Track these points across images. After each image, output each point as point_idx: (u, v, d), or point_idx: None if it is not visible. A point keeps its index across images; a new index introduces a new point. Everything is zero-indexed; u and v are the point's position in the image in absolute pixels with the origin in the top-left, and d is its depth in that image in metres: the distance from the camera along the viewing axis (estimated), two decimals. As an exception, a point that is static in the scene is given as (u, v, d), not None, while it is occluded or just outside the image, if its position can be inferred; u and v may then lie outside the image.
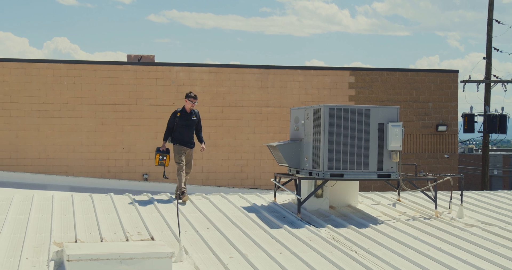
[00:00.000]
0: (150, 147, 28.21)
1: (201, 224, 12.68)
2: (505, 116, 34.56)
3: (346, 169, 13.47)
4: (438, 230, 12.75)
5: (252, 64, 30.23)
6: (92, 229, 12.02)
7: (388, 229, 12.69)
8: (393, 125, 13.47)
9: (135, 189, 23.40)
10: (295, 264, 10.25)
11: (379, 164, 13.60)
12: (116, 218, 12.96)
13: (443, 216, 14.02)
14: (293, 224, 12.90)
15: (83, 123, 27.86)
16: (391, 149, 13.50)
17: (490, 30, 36.10)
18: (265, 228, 12.51)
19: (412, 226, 12.97)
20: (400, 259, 10.68)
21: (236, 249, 10.95)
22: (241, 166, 28.33)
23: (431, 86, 31.05)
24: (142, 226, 12.42)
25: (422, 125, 30.94)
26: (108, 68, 28.21)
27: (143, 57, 30.18)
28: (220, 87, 28.98)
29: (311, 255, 10.75)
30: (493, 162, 63.14)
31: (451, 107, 31.30)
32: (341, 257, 10.70)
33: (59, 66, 27.90)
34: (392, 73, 30.82)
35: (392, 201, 15.71)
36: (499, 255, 10.99)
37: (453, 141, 31.48)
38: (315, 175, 13.68)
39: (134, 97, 28.30)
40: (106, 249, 9.60)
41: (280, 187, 15.09)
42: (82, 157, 27.75)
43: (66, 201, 14.47)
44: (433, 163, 30.90)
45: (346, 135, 13.45)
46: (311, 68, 30.35)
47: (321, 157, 13.40)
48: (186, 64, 29.18)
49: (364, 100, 30.11)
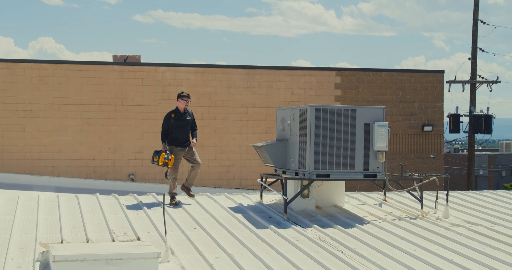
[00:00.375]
0: (136, 148, 28.17)
1: (188, 225, 12.67)
2: (490, 116, 34.71)
3: (332, 169, 13.48)
4: (424, 230, 12.79)
5: (238, 65, 30.24)
6: (78, 230, 11.98)
7: (374, 229, 12.72)
8: (379, 125, 13.50)
9: (121, 190, 23.33)
10: (282, 264, 10.25)
11: (365, 164, 13.62)
12: (102, 218, 12.92)
13: (429, 216, 14.06)
14: (279, 224, 12.91)
15: (69, 124, 27.78)
16: (377, 149, 13.53)
17: (475, 30, 36.24)
18: (251, 228, 12.51)
19: (398, 226, 13.01)
20: (386, 259, 10.70)
21: (222, 250, 10.94)
22: (227, 166, 28.32)
23: (417, 86, 31.14)
24: (128, 226, 12.39)
25: (408, 125, 31.03)
26: (94, 68, 28.14)
27: (129, 57, 30.12)
28: (206, 87, 28.96)
29: (297, 255, 10.76)
30: (478, 162, 63.42)
31: (436, 107, 31.40)
32: (328, 257, 10.71)
33: (45, 66, 27.81)
34: (378, 74, 30.89)
35: (378, 201, 15.74)
36: (484, 255, 11.03)
37: (439, 141, 31.59)
38: (301, 175, 13.69)
39: (120, 97, 28.24)
40: (92, 249, 9.57)
41: (267, 188, 15.09)
42: (68, 158, 27.65)
43: (51, 202, 14.42)
44: (419, 163, 30.99)
45: (332, 135, 13.47)
46: (297, 69, 30.37)
47: (307, 157, 13.41)
48: (172, 64, 29.15)
49: (350, 100, 30.16)
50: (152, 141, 28.28)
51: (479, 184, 63.49)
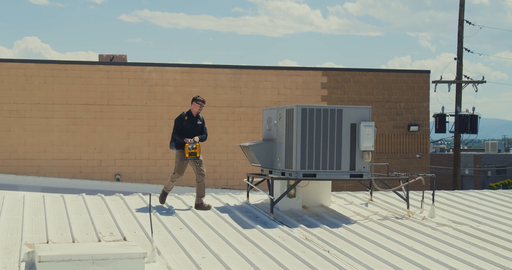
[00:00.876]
0: (122, 148, 28.10)
1: (174, 225, 12.65)
2: (476, 116, 34.85)
3: (318, 169, 13.50)
4: (410, 229, 12.82)
5: (224, 64, 30.22)
6: (64, 230, 11.95)
7: (361, 229, 12.74)
8: (365, 125, 13.53)
9: (108, 190, 23.27)
10: (268, 264, 10.25)
11: (351, 164, 13.64)
12: (88, 218, 12.89)
13: (415, 216, 14.10)
14: (266, 224, 12.91)
15: (54, 123, 27.68)
16: (363, 149, 13.56)
17: (461, 31, 36.37)
18: (238, 228, 12.51)
19: (385, 226, 13.03)
20: (372, 258, 10.72)
21: (209, 249, 10.93)
22: (214, 166, 28.29)
23: (403, 86, 31.21)
24: (114, 226, 12.36)
25: (394, 125, 31.10)
26: (80, 68, 28.06)
27: (115, 57, 30.05)
28: (192, 87, 28.92)
29: (284, 255, 10.76)
30: (464, 162, 63.67)
31: (422, 107, 31.49)
32: (314, 257, 10.72)
33: (30, 65, 27.70)
34: (364, 74, 30.94)
35: (365, 201, 15.77)
36: (470, 254, 11.07)
37: (425, 141, 31.67)
38: (288, 175, 13.70)
39: (106, 97, 28.16)
40: (78, 250, 9.54)
41: (253, 187, 15.09)
42: (53, 158, 27.55)
43: (37, 202, 14.37)
44: (405, 163, 31.07)
45: (318, 135, 13.48)
46: (284, 68, 30.39)
47: (293, 157, 13.42)
48: (159, 64, 29.10)
49: (336, 100, 30.19)
50: (138, 141, 28.24)
51: (465, 184, 63.76)
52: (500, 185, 55.44)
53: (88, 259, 9.13)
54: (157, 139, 28.46)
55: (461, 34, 36.33)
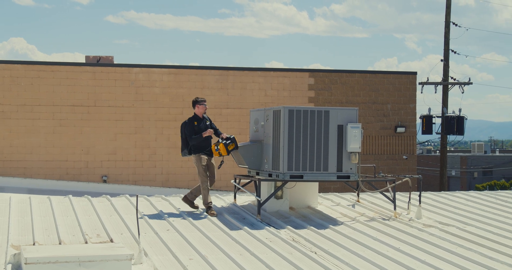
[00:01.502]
0: (109, 149, 28.04)
1: (161, 226, 12.63)
2: (462, 118, 34.99)
3: (305, 170, 13.51)
4: (397, 230, 12.85)
5: (211, 66, 30.22)
6: (51, 232, 11.91)
7: (348, 230, 12.76)
8: (352, 126, 13.54)
9: (94, 191, 23.21)
10: (255, 266, 10.25)
11: (338, 166, 13.66)
12: (75, 220, 12.85)
13: (401, 217, 14.13)
14: (253, 226, 12.91)
15: (41, 125, 27.59)
16: (350, 150, 13.58)
17: (447, 32, 36.50)
18: (225, 229, 12.51)
19: (371, 227, 13.06)
20: (359, 259, 10.73)
21: (196, 251, 10.92)
22: (201, 168, 28.27)
23: (389, 87, 31.29)
24: (101, 228, 12.33)
25: (381, 126, 31.17)
26: (66, 69, 27.98)
27: (101, 58, 30.00)
28: (179, 89, 28.90)
29: (271, 256, 10.76)
30: (451, 163, 63.87)
31: (409, 109, 31.57)
32: (301, 258, 10.73)
33: (16, 67, 27.61)
34: (351, 75, 31.01)
35: (352, 202, 15.80)
36: (456, 255, 11.11)
37: (412, 142, 31.76)
38: (275, 177, 13.70)
39: (93, 99, 28.10)
40: (64, 251, 9.51)
41: (240, 189, 15.09)
42: (40, 159, 27.47)
43: (23, 204, 14.31)
44: (392, 164, 31.14)
45: (305, 136, 13.50)
46: (271, 70, 30.41)
47: (280, 159, 13.42)
48: (146, 65, 29.07)
49: (323, 102, 30.24)
50: (125, 142, 28.19)
51: (452, 185, 63.96)
52: (486, 186, 55.64)
53: (75, 261, 9.10)
54: (144, 140, 28.42)
55: (447, 35, 36.46)
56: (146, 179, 28.26)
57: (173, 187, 27.43)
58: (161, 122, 28.63)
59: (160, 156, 28.56)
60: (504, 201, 16.60)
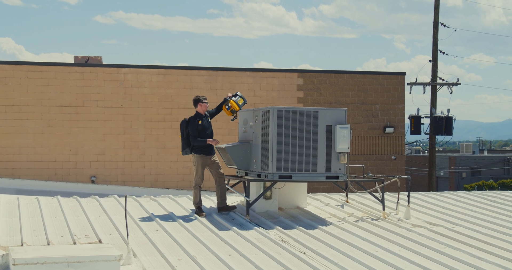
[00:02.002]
0: (98, 149, 27.99)
1: (150, 227, 12.61)
2: (451, 118, 35.08)
3: (294, 170, 13.51)
4: (386, 231, 12.87)
5: (200, 66, 30.19)
6: (39, 233, 11.87)
7: (337, 230, 12.77)
8: (341, 127, 13.56)
9: (83, 192, 23.16)
10: (244, 266, 10.25)
11: (327, 166, 13.66)
12: (63, 221, 12.82)
13: (390, 217, 14.15)
14: (242, 226, 12.90)
15: (29, 125, 27.51)
16: (339, 150, 13.59)
17: (436, 33, 36.60)
18: (214, 230, 12.50)
19: (360, 227, 13.07)
20: (348, 260, 10.74)
21: (185, 251, 10.91)
22: (189, 168, 28.20)
23: (378, 88, 31.35)
24: (89, 229, 12.30)
25: (369, 127, 31.22)
26: (55, 69, 27.90)
27: (90, 59, 29.93)
28: (168, 89, 28.87)
29: (260, 257, 10.76)
30: (439, 164, 64.05)
31: (398, 109, 31.64)
32: (290, 259, 10.73)
33: (4, 67, 27.51)
34: (340, 75, 31.04)
35: (340, 202, 15.82)
36: (445, 255, 11.13)
37: (400, 142, 31.83)
38: (263, 177, 13.70)
39: (81, 99, 28.04)
40: (53, 252, 9.48)
41: (229, 189, 15.08)
42: (28, 160, 27.39)
43: (12, 204, 14.26)
44: (381, 164, 31.20)
45: (294, 137, 13.50)
46: (260, 70, 30.42)
47: (269, 159, 13.42)
48: (134, 65, 29.03)
49: (312, 102, 30.27)
50: (113, 143, 28.14)
51: (440, 185, 64.12)
52: (474, 187, 55.81)
53: (63, 261, 9.08)
54: (132, 141, 28.38)
55: (436, 36, 36.56)
56: (135, 179, 28.22)
57: (162, 188, 27.40)
58: (150, 123, 28.59)
59: (149, 156, 28.52)
60: (492, 201, 16.65)
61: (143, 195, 15.89)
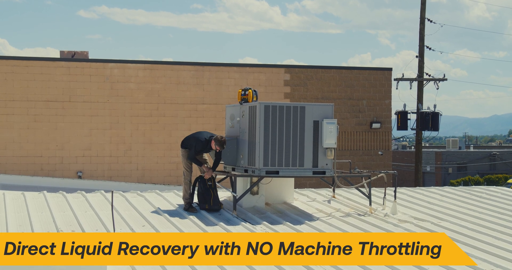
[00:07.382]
0: (84, 145, 27.91)
1: (137, 222, 12.58)
2: (437, 114, 35.15)
3: (281, 166, 13.51)
4: (372, 226, 12.89)
5: (187, 61, 30.14)
6: (25, 228, 11.83)
7: (323, 226, 12.78)
8: (327, 122, 13.56)
9: (69, 187, 23.09)
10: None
11: (314, 161, 13.66)
12: (50, 216, 12.77)
13: (377, 213, 14.18)
14: (229, 221, 12.90)
15: (15, 120, 27.39)
16: (326, 146, 13.59)
17: (422, 29, 36.65)
18: (200, 225, 12.48)
19: (347, 223, 13.09)
20: (335, 255, 10.74)
21: (171, 247, 10.87)
22: (176, 163, 28.19)
23: (365, 83, 31.39)
24: (76, 224, 12.27)
25: (356, 122, 31.27)
26: (40, 64, 27.79)
27: (76, 54, 29.82)
28: (155, 84, 28.81)
29: (247, 252, 10.74)
30: (426, 159, 64.21)
31: (384, 105, 31.70)
32: (277, 254, 10.71)
33: (-10, 62, 27.39)
34: (327, 71, 31.06)
35: (327, 197, 15.83)
36: (431, 250, 11.15)
37: (387, 138, 31.90)
38: (250, 172, 13.70)
39: (67, 94, 27.93)
40: (39, 248, 9.43)
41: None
42: (14, 155, 27.27)
43: (-3, 200, 14.20)
44: (368, 160, 31.26)
45: (281, 132, 13.49)
46: (247, 65, 30.41)
47: (256, 154, 13.41)
48: (121, 60, 28.94)
49: (299, 98, 30.28)
50: (100, 138, 28.07)
51: (427, 181, 64.30)
52: (461, 182, 56.03)
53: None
54: (119, 136, 28.31)
55: (422, 32, 36.61)
56: (122, 175, 28.15)
57: (148, 183, 27.35)
58: (136, 118, 28.53)
59: (136, 152, 28.46)
60: (478, 196, 16.71)
61: (129, 191, 15.84)
